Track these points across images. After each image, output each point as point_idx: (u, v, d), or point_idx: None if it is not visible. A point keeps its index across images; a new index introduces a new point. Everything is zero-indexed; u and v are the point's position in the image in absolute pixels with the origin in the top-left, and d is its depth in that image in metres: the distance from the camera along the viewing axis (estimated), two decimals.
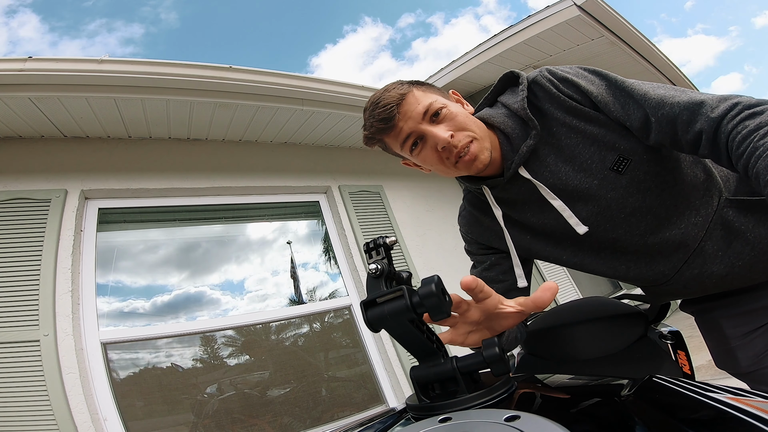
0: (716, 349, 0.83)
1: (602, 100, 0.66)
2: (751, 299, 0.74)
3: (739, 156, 0.53)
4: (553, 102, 0.69)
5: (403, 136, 0.72)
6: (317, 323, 2.58)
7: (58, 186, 2.09)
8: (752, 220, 0.68)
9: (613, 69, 3.14)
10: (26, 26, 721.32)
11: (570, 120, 0.68)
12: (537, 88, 0.71)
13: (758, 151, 0.49)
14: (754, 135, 0.51)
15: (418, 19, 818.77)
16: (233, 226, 2.75)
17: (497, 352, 0.37)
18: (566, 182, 0.70)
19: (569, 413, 0.37)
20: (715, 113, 0.56)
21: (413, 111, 0.70)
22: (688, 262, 0.71)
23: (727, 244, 0.69)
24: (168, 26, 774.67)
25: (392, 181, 3.26)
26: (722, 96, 0.58)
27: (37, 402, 1.60)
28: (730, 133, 0.54)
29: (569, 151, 0.69)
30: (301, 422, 2.16)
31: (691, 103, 0.59)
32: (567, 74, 0.69)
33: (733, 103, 0.56)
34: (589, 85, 0.67)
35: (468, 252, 0.89)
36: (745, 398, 0.30)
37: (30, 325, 1.74)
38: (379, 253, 0.43)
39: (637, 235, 0.71)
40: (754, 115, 0.53)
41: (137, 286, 2.26)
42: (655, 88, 0.63)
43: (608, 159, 0.67)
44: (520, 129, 0.72)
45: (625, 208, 0.69)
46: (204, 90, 2.21)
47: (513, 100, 0.73)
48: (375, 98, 0.73)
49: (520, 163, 0.72)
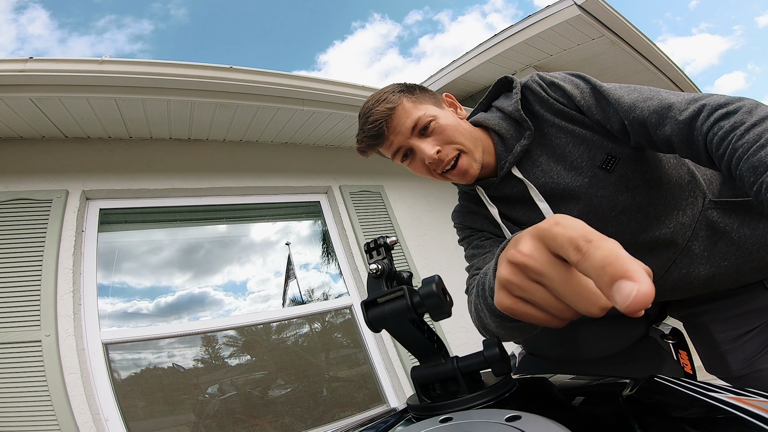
0: (706, 353, 0.83)
1: (585, 104, 0.69)
2: (739, 302, 0.75)
3: (720, 157, 0.53)
4: (543, 105, 0.72)
5: (394, 149, 0.76)
6: (318, 323, 2.58)
7: (59, 186, 2.09)
8: (736, 220, 0.69)
9: (614, 68, 3.12)
10: (35, 22, 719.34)
11: (559, 121, 0.71)
12: (528, 92, 0.74)
13: (738, 152, 0.50)
14: (731, 135, 0.52)
15: (425, 16, 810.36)
16: (234, 227, 2.75)
17: (498, 351, 0.36)
18: (557, 181, 0.72)
19: (570, 413, 0.37)
20: (683, 116, 0.58)
21: (402, 126, 0.73)
22: (676, 262, 0.72)
23: (713, 244, 0.70)
24: (177, 22, 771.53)
25: (393, 181, 3.26)
26: (691, 98, 0.60)
27: (39, 402, 1.61)
28: (706, 135, 0.55)
29: (560, 150, 0.72)
30: (302, 422, 2.16)
31: (660, 106, 0.61)
32: (555, 79, 0.73)
33: (702, 105, 0.57)
34: (573, 89, 0.70)
35: (462, 239, 0.89)
36: (746, 398, 0.30)
37: (31, 326, 1.74)
38: (379, 253, 0.43)
39: (627, 233, 0.72)
40: (728, 114, 0.54)
41: (138, 287, 2.26)
42: (630, 92, 0.66)
43: (597, 158, 0.69)
44: (515, 130, 0.75)
45: (616, 207, 0.71)
46: (205, 90, 2.21)
47: (507, 103, 0.76)
48: (366, 109, 0.76)
49: (514, 163, 0.75)
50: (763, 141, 0.48)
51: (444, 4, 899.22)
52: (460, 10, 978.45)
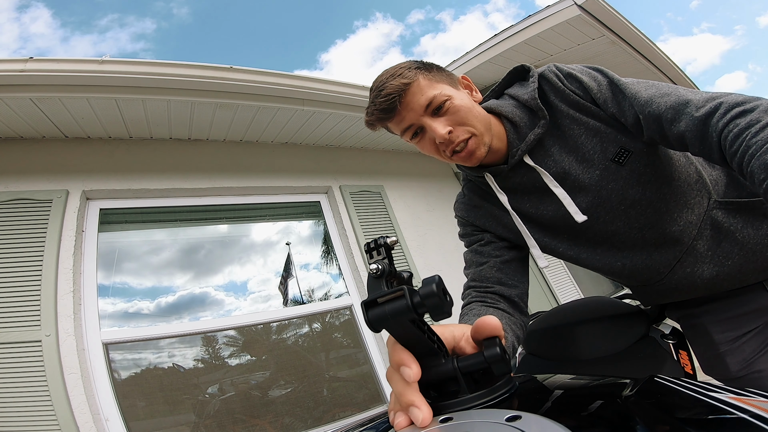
0: (704, 354, 0.83)
1: (601, 97, 0.68)
2: (738, 303, 0.75)
3: (733, 154, 0.53)
4: (558, 95, 0.71)
5: (405, 126, 0.73)
6: (318, 323, 2.58)
7: (60, 186, 2.09)
8: (740, 220, 0.69)
9: (614, 68, 3.15)
10: (38, 21, 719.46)
11: (573, 113, 0.70)
12: (544, 82, 0.73)
13: (751, 149, 0.50)
14: (746, 133, 0.51)
15: (427, 16, 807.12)
16: (234, 227, 2.75)
17: (498, 352, 0.36)
18: (569, 172, 0.72)
19: (570, 413, 0.37)
20: (700, 112, 0.57)
21: (415, 103, 0.70)
22: (681, 261, 0.72)
23: (717, 244, 0.70)
24: (180, 21, 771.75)
25: (393, 181, 3.26)
26: (709, 95, 0.59)
27: (39, 402, 1.61)
28: (721, 132, 0.55)
29: (572, 142, 0.71)
30: (303, 422, 2.16)
31: (677, 102, 0.60)
32: (572, 70, 0.72)
33: (719, 103, 0.56)
34: (591, 81, 0.70)
35: (462, 236, 0.88)
36: (747, 398, 0.30)
37: (32, 326, 1.74)
38: (379, 253, 0.43)
39: (635, 228, 0.72)
40: (744, 113, 0.53)
41: (138, 287, 2.26)
42: (647, 88, 0.65)
43: (610, 150, 0.69)
44: (528, 119, 0.74)
45: (625, 200, 0.70)
46: (205, 90, 2.21)
47: (522, 91, 0.75)
48: (380, 82, 0.72)
49: (526, 151, 0.74)
50: None
51: (446, 4, 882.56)
52: (462, 9, 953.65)
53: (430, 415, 0.35)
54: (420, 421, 0.34)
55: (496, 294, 0.75)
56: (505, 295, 0.75)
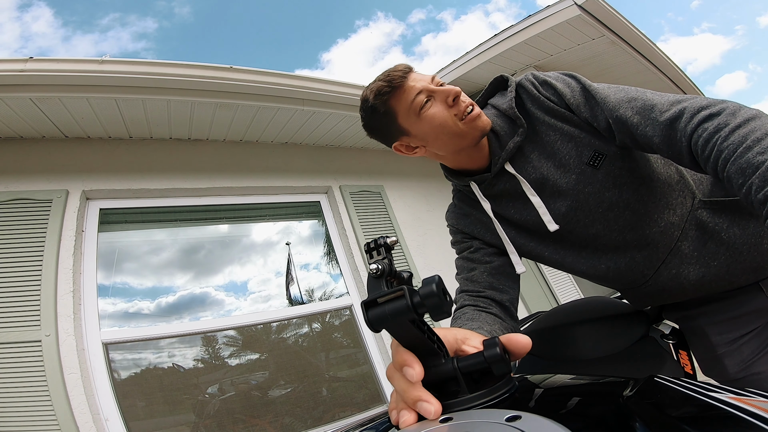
0: (703, 356, 0.83)
1: (574, 102, 0.70)
2: (735, 305, 0.74)
3: (706, 159, 0.54)
4: (534, 103, 0.73)
5: (415, 92, 0.72)
6: (318, 323, 2.58)
7: (60, 186, 2.09)
8: (726, 220, 0.69)
9: (614, 68, 3.12)
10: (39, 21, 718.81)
11: (549, 119, 0.72)
12: (522, 91, 0.75)
13: (724, 153, 0.50)
14: (715, 137, 0.52)
15: (428, 15, 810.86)
16: (234, 227, 2.75)
17: (498, 352, 0.36)
18: (547, 177, 0.73)
19: (570, 413, 0.37)
20: (664, 117, 0.58)
21: (421, 78, 0.75)
22: (666, 262, 0.72)
23: (702, 244, 0.70)
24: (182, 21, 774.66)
25: (393, 181, 3.26)
26: (674, 99, 0.60)
27: (39, 402, 1.61)
28: (690, 136, 0.55)
29: (550, 147, 0.73)
30: (302, 422, 2.16)
31: (643, 106, 0.61)
32: (547, 77, 0.74)
33: (683, 107, 0.57)
34: (564, 87, 0.72)
35: (454, 243, 0.90)
36: (747, 398, 0.30)
37: (31, 326, 1.74)
38: (379, 253, 0.43)
39: (616, 230, 0.73)
40: (711, 116, 0.54)
41: (138, 287, 2.26)
42: (617, 92, 0.66)
43: (584, 155, 0.70)
44: (509, 127, 0.76)
45: (603, 203, 0.71)
46: (205, 90, 2.21)
47: (502, 101, 0.77)
48: (384, 72, 0.77)
49: (507, 159, 0.76)
50: (750, 142, 0.48)
51: (447, 3, 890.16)
52: (463, 9, 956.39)
53: (440, 407, 0.35)
54: (432, 414, 0.34)
55: (488, 298, 0.76)
56: (496, 300, 0.76)
